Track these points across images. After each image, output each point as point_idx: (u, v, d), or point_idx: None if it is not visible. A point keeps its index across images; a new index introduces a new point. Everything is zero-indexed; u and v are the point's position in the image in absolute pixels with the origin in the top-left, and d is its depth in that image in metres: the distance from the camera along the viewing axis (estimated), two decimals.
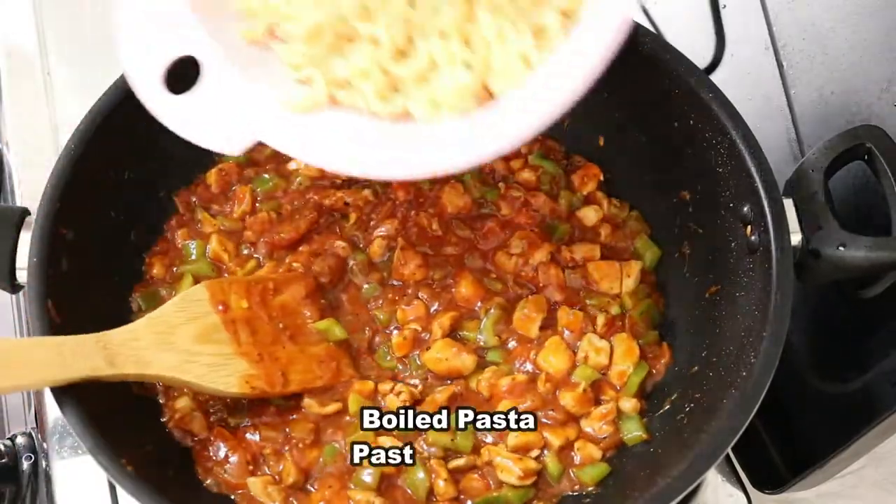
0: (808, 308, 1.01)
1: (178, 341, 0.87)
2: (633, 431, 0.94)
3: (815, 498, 1.04)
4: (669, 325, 1.02)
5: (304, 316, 0.97)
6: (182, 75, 0.80)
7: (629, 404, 0.95)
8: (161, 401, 0.94)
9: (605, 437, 0.94)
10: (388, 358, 0.97)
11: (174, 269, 1.02)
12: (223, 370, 0.89)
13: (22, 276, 0.89)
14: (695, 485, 0.82)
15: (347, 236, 1.03)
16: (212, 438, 0.92)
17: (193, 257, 1.02)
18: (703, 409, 0.90)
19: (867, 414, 0.88)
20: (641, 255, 1.04)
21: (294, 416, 0.93)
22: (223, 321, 0.91)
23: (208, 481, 0.91)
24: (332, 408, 0.93)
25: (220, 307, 0.92)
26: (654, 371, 0.97)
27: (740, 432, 0.82)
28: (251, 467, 0.91)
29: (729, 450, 0.85)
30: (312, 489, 0.91)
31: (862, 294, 0.91)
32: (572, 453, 0.93)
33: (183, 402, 0.92)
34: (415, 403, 0.93)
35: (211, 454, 0.91)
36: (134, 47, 0.80)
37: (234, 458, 0.91)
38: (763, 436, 1.02)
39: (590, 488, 0.91)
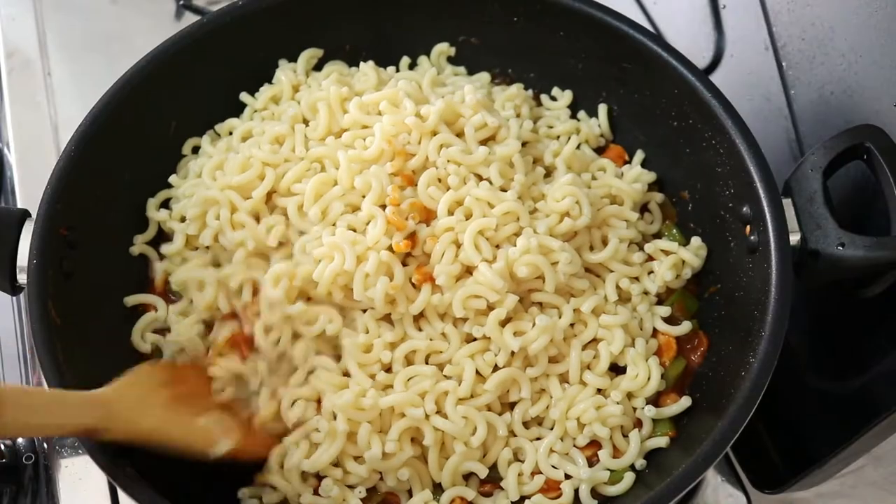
0: (808, 308, 1.01)
1: (157, 403, 0.84)
2: (659, 431, 0.91)
3: (815, 498, 1.04)
4: None
5: None
6: None
7: (669, 400, 0.93)
8: None
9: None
10: None
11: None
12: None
13: (22, 277, 0.89)
14: (694, 484, 0.82)
15: None
16: None
17: None
18: (702, 409, 0.90)
19: (867, 414, 0.88)
20: None
21: None
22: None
23: None
24: None
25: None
26: (690, 363, 0.95)
27: (740, 432, 0.82)
28: None
29: (729, 450, 0.85)
30: None
31: (862, 294, 0.91)
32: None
33: None
34: None
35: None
36: None
37: None
38: (763, 436, 1.02)
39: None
